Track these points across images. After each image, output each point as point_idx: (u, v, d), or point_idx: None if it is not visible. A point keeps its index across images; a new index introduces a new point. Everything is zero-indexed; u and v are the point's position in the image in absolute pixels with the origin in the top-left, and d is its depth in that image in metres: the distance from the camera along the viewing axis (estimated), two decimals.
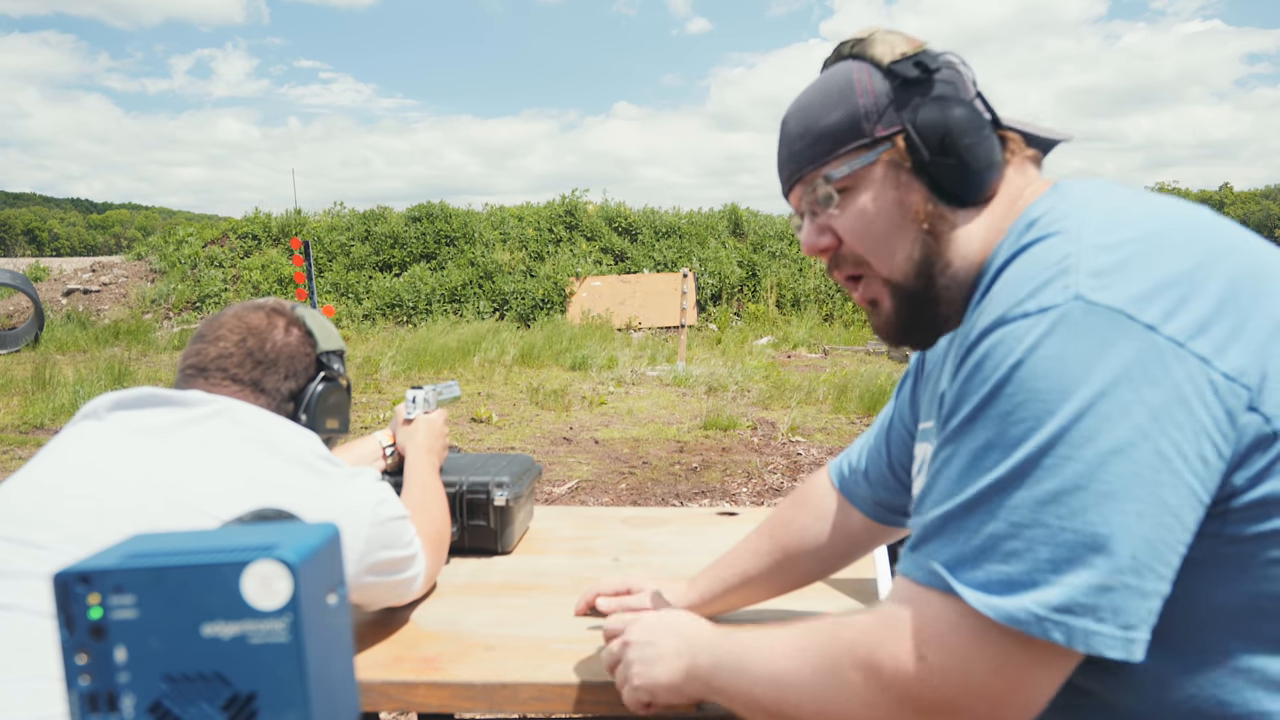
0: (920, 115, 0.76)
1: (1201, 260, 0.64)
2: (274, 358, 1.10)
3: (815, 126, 0.81)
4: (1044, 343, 0.61)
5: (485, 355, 8.97)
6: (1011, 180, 0.79)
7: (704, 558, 1.28)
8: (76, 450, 0.96)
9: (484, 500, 1.43)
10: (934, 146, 0.76)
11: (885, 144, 0.78)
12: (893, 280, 0.80)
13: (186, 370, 1.09)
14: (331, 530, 0.55)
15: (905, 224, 0.78)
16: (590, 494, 4.38)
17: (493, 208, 14.94)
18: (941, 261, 0.78)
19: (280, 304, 1.16)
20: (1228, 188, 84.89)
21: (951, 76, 0.78)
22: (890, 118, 0.78)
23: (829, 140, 0.80)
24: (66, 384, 6.97)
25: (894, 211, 0.79)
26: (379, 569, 1.07)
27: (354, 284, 13.07)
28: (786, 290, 13.27)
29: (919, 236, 0.78)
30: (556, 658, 1.06)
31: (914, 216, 0.78)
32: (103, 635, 0.49)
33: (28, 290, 10.67)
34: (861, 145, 0.79)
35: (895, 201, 0.78)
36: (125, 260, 14.29)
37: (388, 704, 1.02)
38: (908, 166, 0.78)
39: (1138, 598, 0.59)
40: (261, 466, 0.97)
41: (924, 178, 0.77)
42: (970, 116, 0.76)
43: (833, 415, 6.32)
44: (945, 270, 0.78)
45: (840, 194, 0.81)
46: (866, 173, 0.79)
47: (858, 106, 0.79)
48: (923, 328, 0.83)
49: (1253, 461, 0.61)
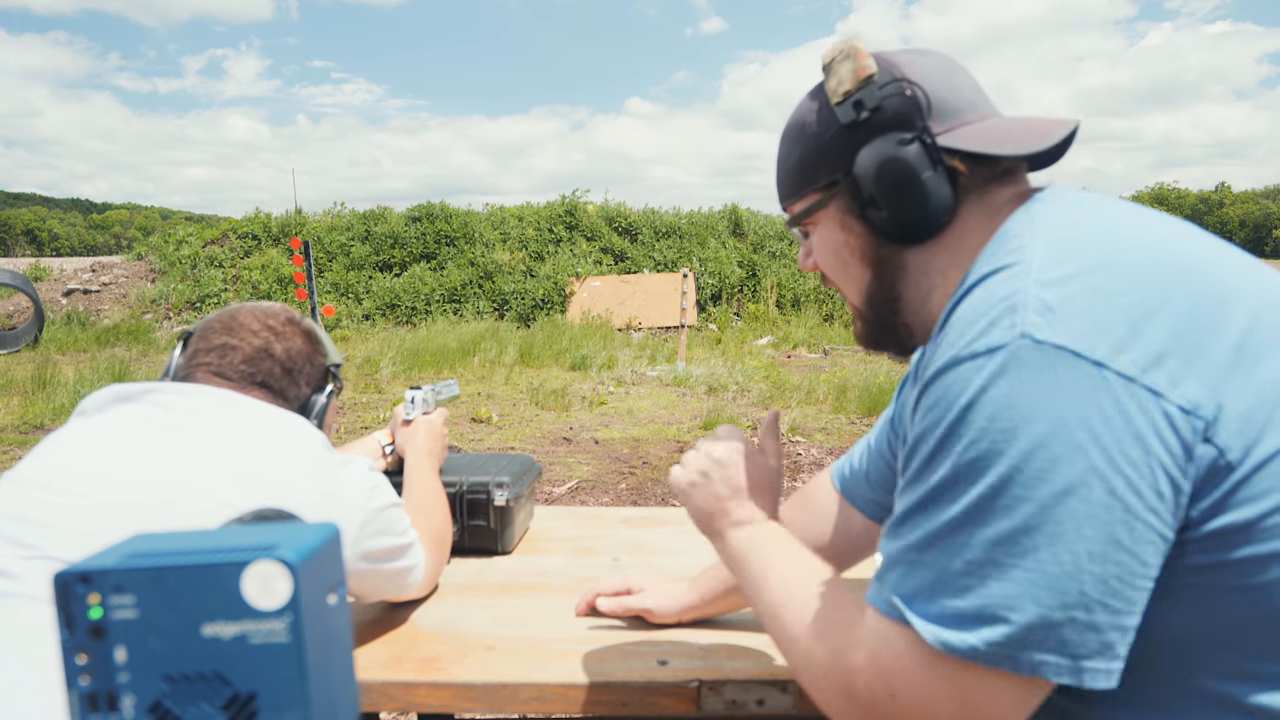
0: (857, 161, 0.77)
1: (1156, 287, 0.63)
2: (300, 365, 1.13)
3: (786, 162, 0.86)
4: (993, 384, 0.61)
5: (485, 355, 8.97)
6: (971, 210, 0.78)
7: (704, 558, 1.28)
8: (77, 446, 0.96)
9: (484, 500, 1.43)
10: (867, 194, 0.77)
11: (832, 189, 0.81)
12: (855, 306, 0.86)
13: (203, 367, 1.07)
14: (332, 530, 0.55)
15: (853, 262, 0.83)
16: (590, 494, 4.38)
17: (493, 208, 14.94)
18: (892, 296, 0.81)
19: (291, 312, 1.19)
20: (1225, 188, 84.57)
21: (898, 109, 0.76)
22: (833, 162, 0.80)
23: (794, 178, 0.84)
24: (66, 384, 6.97)
25: (842, 251, 0.83)
26: (373, 556, 1.07)
27: (354, 284, 13.07)
28: (786, 290, 13.27)
29: (867, 274, 0.82)
30: (557, 658, 1.06)
31: (860, 257, 0.82)
32: (103, 635, 0.49)
33: (28, 290, 10.67)
34: (814, 189, 0.82)
35: (843, 243, 0.83)
36: (125, 260, 14.29)
37: (388, 704, 1.02)
38: (852, 211, 0.80)
39: (1087, 630, 0.59)
40: (260, 452, 0.98)
41: (865, 221, 0.80)
42: (901, 160, 0.75)
43: (833, 415, 6.32)
44: (898, 302, 0.81)
45: (808, 225, 0.86)
46: (822, 214, 0.83)
47: (809, 150, 0.82)
48: (890, 344, 0.87)
49: (1208, 493, 0.61)
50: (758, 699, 1.01)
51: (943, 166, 0.75)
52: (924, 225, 0.77)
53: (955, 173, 0.76)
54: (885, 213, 0.77)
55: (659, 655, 1.07)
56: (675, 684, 1.01)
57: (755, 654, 1.08)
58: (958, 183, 0.76)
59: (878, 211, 0.77)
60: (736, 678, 1.01)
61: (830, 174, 0.80)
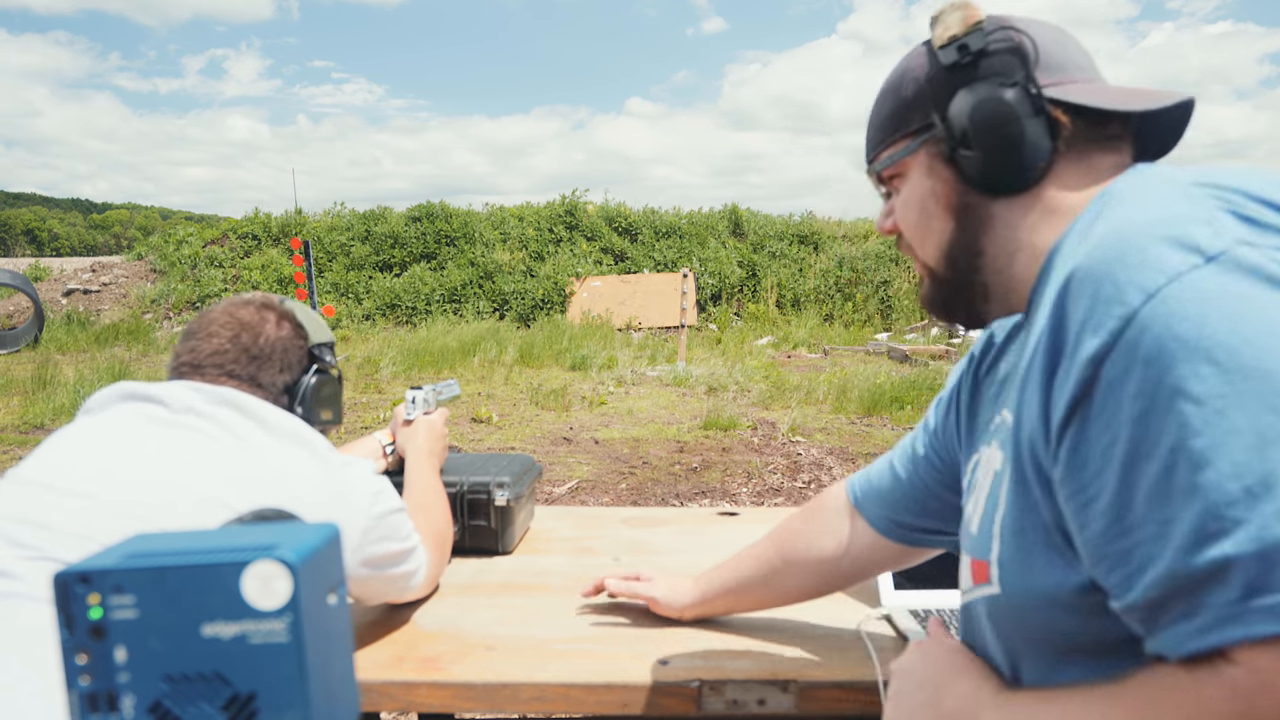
0: (954, 101, 0.75)
1: None
2: (269, 352, 1.11)
3: (879, 112, 0.82)
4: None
5: (485, 355, 8.97)
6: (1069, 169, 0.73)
7: (704, 557, 1.29)
8: (80, 445, 0.96)
9: (485, 500, 1.43)
10: (959, 136, 0.74)
11: (925, 133, 0.78)
12: (927, 266, 0.81)
13: (180, 368, 1.09)
14: (332, 530, 0.55)
15: (937, 213, 0.78)
16: (590, 494, 4.38)
17: (493, 208, 14.95)
18: (974, 250, 0.77)
19: (268, 298, 1.17)
20: None
21: (1004, 55, 0.74)
22: (929, 105, 0.77)
23: (887, 124, 0.81)
24: (66, 384, 6.97)
25: (927, 200, 0.79)
26: (375, 563, 1.07)
27: (354, 284, 13.07)
28: (786, 290, 13.27)
29: (949, 226, 0.78)
30: (558, 658, 1.06)
31: (945, 205, 0.77)
32: (103, 635, 0.49)
33: (28, 290, 10.67)
34: (905, 134, 0.79)
35: (929, 191, 0.78)
36: (125, 260, 14.30)
37: (389, 704, 1.02)
38: (942, 155, 0.77)
39: None
40: (267, 451, 0.98)
41: (954, 167, 0.76)
42: (1001, 101, 0.72)
43: (833, 415, 6.32)
44: (979, 258, 0.77)
45: (894, 179, 0.82)
46: (910, 161, 0.79)
47: (907, 95, 0.79)
48: (961, 308, 0.81)
49: None
50: (758, 699, 1.01)
51: (1044, 116, 0.72)
52: (1017, 173, 0.73)
53: (1057, 125, 0.72)
54: (977, 156, 0.73)
55: (660, 655, 1.07)
56: (676, 684, 1.00)
57: (756, 654, 1.07)
58: (1058, 135, 0.72)
59: (970, 155, 0.74)
60: (737, 678, 1.01)
61: (925, 117, 0.77)
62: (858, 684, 1.01)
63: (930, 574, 1.22)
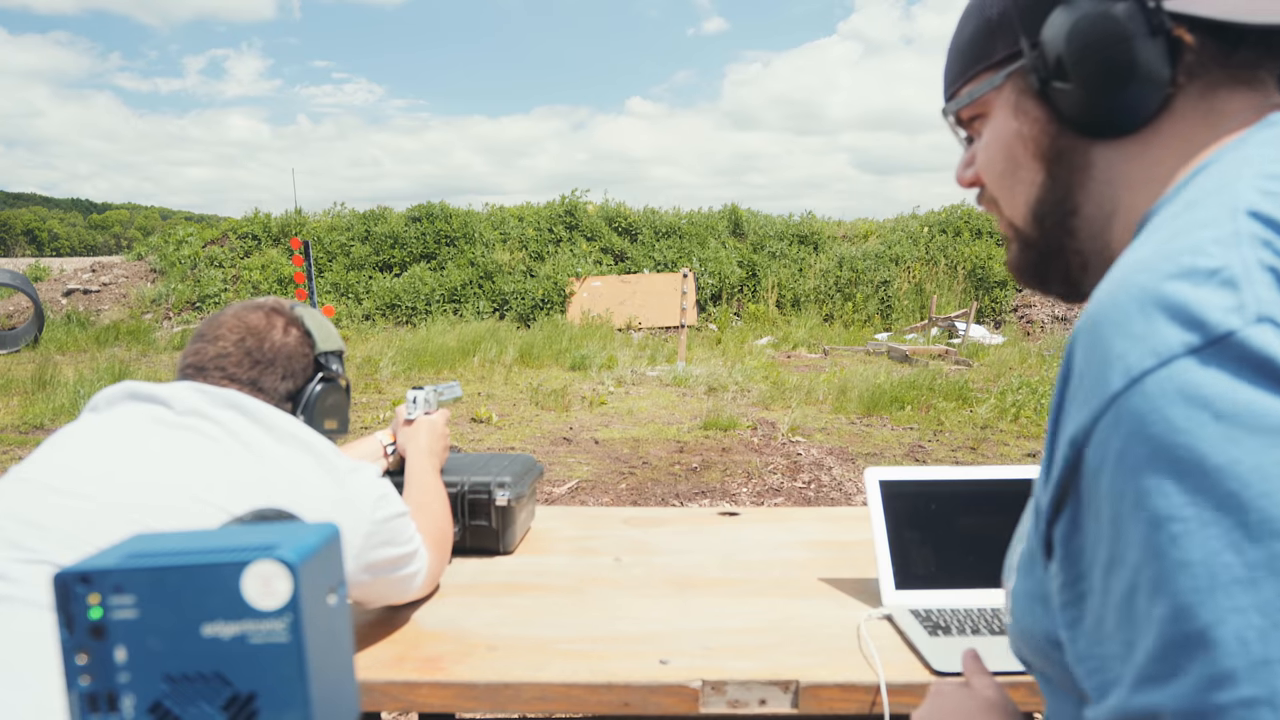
0: (1048, 22, 0.60)
1: None
2: (272, 357, 1.11)
3: (959, 39, 0.69)
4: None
5: (485, 355, 8.97)
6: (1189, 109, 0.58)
7: (704, 557, 1.29)
8: (83, 445, 0.96)
9: (486, 500, 1.43)
10: (1053, 65, 0.60)
11: (1011, 63, 0.63)
12: (1014, 224, 0.68)
13: (186, 370, 1.09)
14: (332, 530, 0.55)
15: (1025, 160, 0.64)
16: (590, 494, 4.38)
17: (493, 208, 14.95)
18: (1067, 207, 0.63)
19: (280, 303, 1.16)
20: None
21: None
22: (1017, 29, 0.63)
23: (966, 55, 0.67)
24: (66, 384, 6.97)
25: (1014, 145, 0.65)
26: (377, 567, 1.07)
27: (354, 284, 13.08)
28: (786, 290, 13.27)
29: (1039, 178, 0.64)
30: (559, 657, 1.06)
31: (1035, 151, 0.64)
32: (103, 635, 0.49)
33: (28, 290, 10.67)
34: (989, 66, 0.65)
35: (1015, 134, 0.64)
36: (125, 260, 14.30)
37: (390, 704, 1.02)
38: (1032, 90, 0.62)
39: None
40: (270, 456, 0.98)
41: (1046, 104, 0.62)
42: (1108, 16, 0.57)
43: (833, 415, 6.32)
44: (1072, 217, 0.63)
45: (975, 120, 0.69)
46: (994, 98, 0.66)
47: (992, 14, 0.64)
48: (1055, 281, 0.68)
49: None
50: (760, 699, 1.01)
51: (1163, 35, 0.56)
52: (1123, 109, 0.58)
53: (1179, 46, 0.56)
54: (1074, 87, 0.59)
55: (661, 655, 1.07)
56: (677, 684, 1.00)
57: (757, 654, 1.07)
58: (1180, 61, 0.56)
59: (1065, 88, 0.59)
60: (738, 678, 1.01)
61: (1012, 44, 0.63)
62: (859, 684, 1.01)
63: (930, 574, 1.22)
